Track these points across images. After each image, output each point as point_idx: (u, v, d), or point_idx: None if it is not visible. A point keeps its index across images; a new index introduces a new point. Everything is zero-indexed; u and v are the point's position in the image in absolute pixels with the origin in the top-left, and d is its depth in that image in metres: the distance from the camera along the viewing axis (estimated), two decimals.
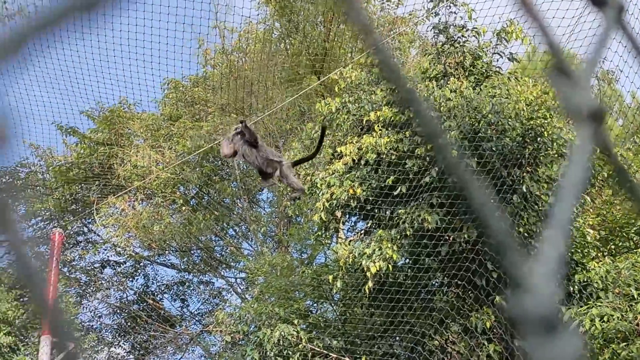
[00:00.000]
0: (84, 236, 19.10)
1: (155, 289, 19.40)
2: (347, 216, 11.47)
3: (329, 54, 15.30)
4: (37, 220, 17.96)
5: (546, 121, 9.68)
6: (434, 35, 11.15)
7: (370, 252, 9.54)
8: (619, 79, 12.31)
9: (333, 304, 12.21)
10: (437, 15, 11.04)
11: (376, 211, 10.29)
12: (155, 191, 15.83)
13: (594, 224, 10.53)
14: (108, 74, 12.80)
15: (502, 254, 0.41)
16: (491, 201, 0.41)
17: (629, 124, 12.91)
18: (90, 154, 16.29)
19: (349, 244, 10.33)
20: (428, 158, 9.58)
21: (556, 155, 9.83)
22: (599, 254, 9.99)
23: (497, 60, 11.04)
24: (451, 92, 9.89)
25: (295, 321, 10.60)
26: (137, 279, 19.40)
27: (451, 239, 9.65)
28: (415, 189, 9.74)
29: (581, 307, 8.53)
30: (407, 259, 10.32)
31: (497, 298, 9.12)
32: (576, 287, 9.19)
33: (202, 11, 16.54)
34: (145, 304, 18.87)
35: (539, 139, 9.72)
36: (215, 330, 13.17)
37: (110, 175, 15.74)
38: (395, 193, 9.83)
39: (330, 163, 10.69)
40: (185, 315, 19.37)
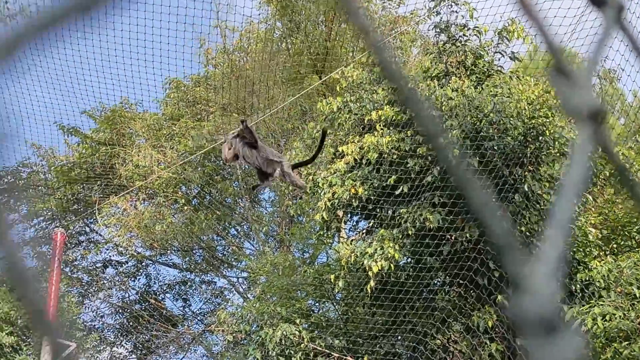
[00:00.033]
0: (86, 236, 19.12)
1: (157, 289, 19.42)
2: (349, 215, 11.47)
3: (331, 53, 15.29)
4: (39, 220, 17.98)
5: (548, 120, 9.67)
6: (436, 34, 11.14)
7: (372, 252, 9.54)
8: (621, 78, 12.27)
9: (335, 304, 12.21)
10: (439, 14, 11.04)
11: (378, 210, 10.29)
12: (157, 191, 15.83)
13: (596, 223, 10.52)
14: (109, 74, 12.81)
15: (503, 254, 0.41)
16: (492, 201, 0.41)
17: (631, 123, 12.89)
18: (92, 154, 16.29)
19: (351, 244, 10.33)
20: (430, 157, 9.57)
21: (558, 154, 9.83)
22: (601, 253, 9.98)
23: (499, 59, 11.04)
24: (453, 91, 9.88)
25: (297, 321, 10.60)
26: (139, 279, 19.43)
27: (453, 239, 9.64)
28: (417, 189, 9.74)
29: (583, 306, 8.52)
30: (409, 259, 10.32)
31: (499, 297, 9.11)
32: (578, 286, 9.19)
33: (204, 10, 16.55)
34: (147, 304, 18.88)
35: (541, 138, 9.71)
36: (217, 329, 13.17)
37: (112, 175, 15.74)
38: (397, 192, 9.83)
39: (331, 162, 10.68)
40: (187, 314, 19.39)
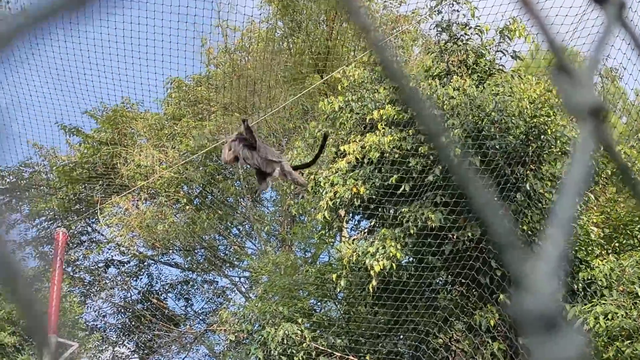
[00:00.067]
0: (88, 236, 19.15)
1: (159, 288, 19.44)
2: (351, 215, 11.47)
3: (332, 53, 15.29)
4: (41, 220, 18.00)
5: (549, 119, 9.66)
6: (437, 33, 11.13)
7: (374, 251, 9.53)
8: (623, 77, 12.28)
9: (337, 303, 12.21)
10: (440, 13, 11.03)
11: (380, 210, 10.28)
12: (158, 190, 15.84)
13: (598, 222, 10.50)
14: (111, 74, 12.80)
15: (504, 252, 0.41)
16: (493, 199, 0.41)
17: (633, 122, 12.88)
18: (93, 154, 16.30)
19: (353, 243, 10.33)
20: (431, 156, 9.57)
21: (560, 152, 9.82)
22: (603, 252, 9.97)
23: (500, 58, 11.02)
24: (454, 90, 9.87)
25: (299, 320, 10.60)
26: (141, 278, 19.45)
27: (455, 238, 9.64)
28: (418, 188, 9.73)
29: (585, 305, 8.51)
30: (411, 258, 10.31)
31: (501, 296, 9.11)
32: (580, 285, 9.18)
33: (205, 10, 16.55)
34: (149, 303, 18.90)
35: (543, 137, 9.70)
36: (219, 329, 13.17)
37: (113, 174, 15.75)
38: (398, 191, 9.82)
39: (333, 162, 10.68)
40: (189, 314, 19.41)
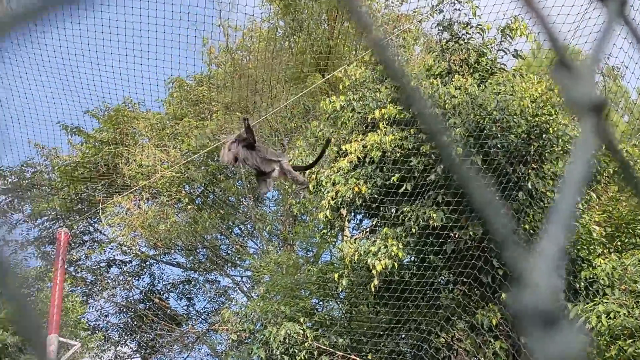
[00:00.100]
0: (90, 235, 19.16)
1: (161, 288, 19.45)
2: (353, 214, 11.47)
3: (333, 52, 15.28)
4: (43, 219, 18.03)
5: (551, 118, 9.65)
6: (438, 32, 11.13)
7: (375, 250, 9.53)
8: (625, 75, 12.24)
9: (339, 302, 12.21)
10: (441, 12, 11.03)
11: (381, 209, 10.28)
12: (160, 190, 15.84)
13: (600, 221, 10.49)
14: (112, 73, 12.80)
15: (503, 250, 0.40)
16: (494, 197, 0.41)
17: (635, 121, 12.86)
18: (95, 154, 16.30)
19: (355, 242, 10.32)
20: (433, 155, 9.56)
21: (561, 151, 9.81)
22: (605, 251, 9.96)
23: (502, 57, 11.01)
24: (456, 90, 9.87)
25: (301, 319, 10.60)
26: (143, 278, 19.46)
27: (457, 237, 9.63)
28: (420, 187, 9.73)
29: (587, 304, 8.50)
30: (413, 257, 10.31)
31: (503, 295, 9.10)
32: (582, 284, 9.17)
33: (206, 9, 16.55)
34: (151, 303, 18.91)
35: (544, 136, 9.69)
36: (221, 328, 13.18)
37: (115, 174, 15.75)
38: (400, 191, 9.82)
39: (335, 161, 10.68)
40: (191, 313, 19.41)
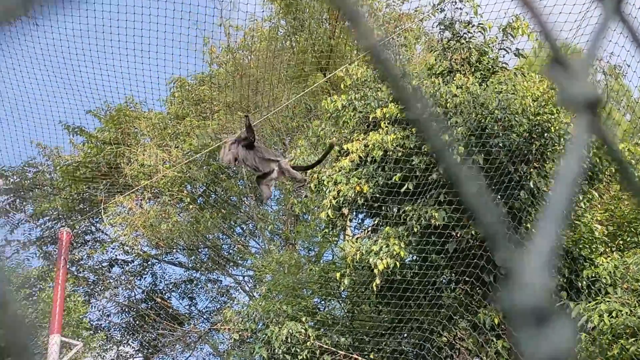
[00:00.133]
0: (92, 235, 19.17)
1: (163, 288, 19.46)
2: (354, 213, 11.46)
3: (335, 51, 15.27)
4: (45, 219, 18.05)
5: (553, 117, 9.64)
6: (440, 31, 11.12)
7: (377, 249, 9.53)
8: (627, 74, 12.21)
9: (341, 301, 12.21)
10: (443, 11, 11.02)
11: (383, 208, 10.27)
12: (162, 190, 15.85)
13: (602, 220, 10.49)
14: (113, 72, 12.80)
15: (493, 245, 0.40)
16: (483, 191, 0.41)
17: (637, 119, 12.84)
18: (97, 153, 16.31)
19: (356, 241, 10.32)
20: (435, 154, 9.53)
21: (563, 150, 9.79)
22: (607, 250, 9.96)
23: (504, 56, 11.00)
24: (457, 89, 9.86)
25: (303, 319, 10.60)
26: (145, 278, 19.47)
27: (459, 236, 9.63)
28: (422, 186, 9.72)
29: (589, 303, 8.50)
30: (415, 256, 10.31)
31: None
32: (584, 283, 9.17)
33: (207, 8, 16.54)
34: (153, 303, 18.92)
35: (546, 135, 9.68)
36: (223, 328, 13.18)
37: (117, 174, 15.76)
38: (402, 190, 9.82)
39: (336, 160, 10.67)
40: (193, 313, 19.42)
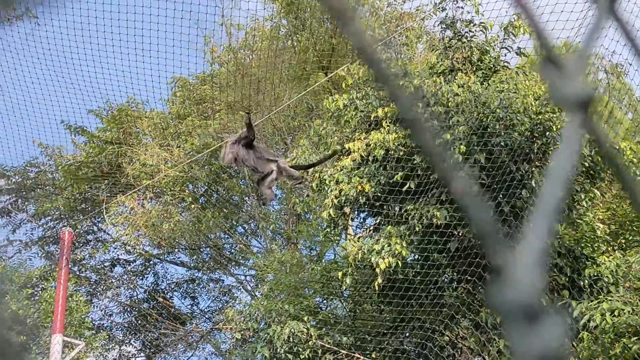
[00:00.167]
0: (94, 235, 19.19)
1: (165, 287, 19.47)
2: (356, 212, 11.46)
3: (336, 51, 15.27)
4: (47, 219, 18.07)
5: (555, 115, 9.63)
6: (441, 30, 11.12)
7: (379, 249, 9.53)
8: (628, 73, 12.19)
9: (343, 301, 12.21)
10: (444, 10, 11.01)
11: (385, 207, 10.27)
12: (164, 189, 15.86)
13: (604, 218, 10.48)
14: (115, 72, 12.84)
15: (484, 243, 0.40)
16: (474, 188, 0.41)
17: (639, 117, 12.83)
18: (99, 153, 16.33)
19: (358, 241, 10.31)
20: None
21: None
22: (610, 248, 9.95)
23: (505, 54, 10.99)
24: (459, 87, 9.86)
25: (305, 318, 10.60)
26: (147, 277, 19.49)
27: (461, 235, 9.62)
28: (424, 185, 9.72)
29: (592, 302, 8.50)
30: (417, 255, 10.30)
31: None
32: (587, 282, 9.16)
33: (208, 7, 16.53)
34: (155, 302, 18.93)
35: (548, 134, 9.67)
36: (225, 327, 13.19)
37: (119, 174, 15.78)
38: (404, 189, 9.81)
39: (338, 159, 10.67)
40: (195, 312, 19.43)
